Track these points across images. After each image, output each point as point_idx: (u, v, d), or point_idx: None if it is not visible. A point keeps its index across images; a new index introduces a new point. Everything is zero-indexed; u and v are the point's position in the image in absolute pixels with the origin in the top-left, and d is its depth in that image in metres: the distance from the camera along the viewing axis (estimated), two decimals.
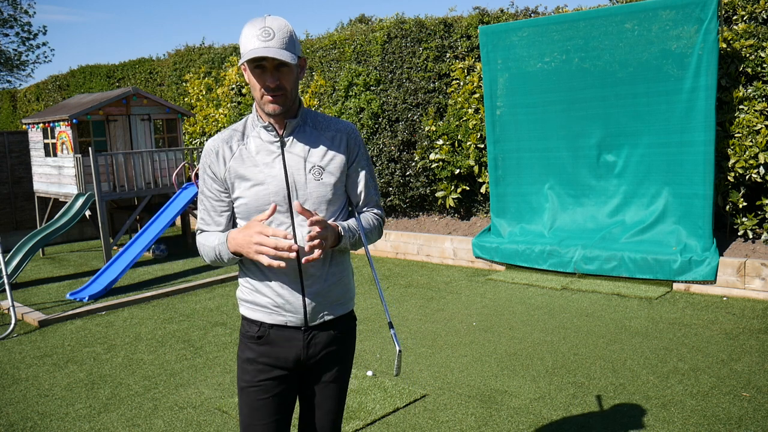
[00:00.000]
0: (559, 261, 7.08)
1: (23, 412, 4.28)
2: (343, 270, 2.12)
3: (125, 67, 14.58)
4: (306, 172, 2.01)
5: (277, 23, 1.89)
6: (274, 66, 1.90)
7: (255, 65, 1.90)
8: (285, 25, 1.90)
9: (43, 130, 10.05)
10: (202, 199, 2.12)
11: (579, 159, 7.24)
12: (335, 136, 2.08)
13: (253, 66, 1.90)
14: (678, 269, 6.32)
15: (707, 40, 6.16)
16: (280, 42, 1.86)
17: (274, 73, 1.90)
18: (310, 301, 2.04)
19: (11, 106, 18.65)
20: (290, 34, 1.90)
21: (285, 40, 1.88)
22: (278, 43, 1.86)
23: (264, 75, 1.91)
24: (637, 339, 5.03)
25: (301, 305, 2.03)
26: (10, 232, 11.46)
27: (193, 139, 12.43)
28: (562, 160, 7.37)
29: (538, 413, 3.85)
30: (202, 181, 2.11)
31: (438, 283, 7.23)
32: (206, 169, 2.08)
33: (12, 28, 23.70)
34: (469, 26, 8.43)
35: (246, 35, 1.89)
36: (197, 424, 3.95)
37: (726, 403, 3.83)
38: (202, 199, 2.12)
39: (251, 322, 2.10)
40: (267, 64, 1.89)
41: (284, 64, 1.90)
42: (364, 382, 4.40)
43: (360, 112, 9.43)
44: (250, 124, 2.08)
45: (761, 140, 6.15)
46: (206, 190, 2.10)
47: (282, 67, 1.91)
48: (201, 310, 6.59)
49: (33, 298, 7.45)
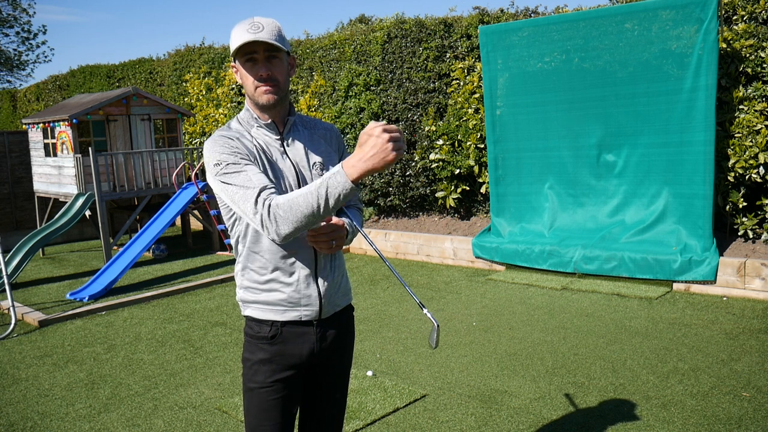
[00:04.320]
0: (559, 261, 7.08)
1: (23, 412, 4.28)
2: (343, 262, 2.21)
3: (125, 67, 14.58)
4: (310, 168, 2.07)
5: (265, 20, 1.96)
6: (266, 57, 1.95)
7: (246, 58, 1.95)
8: (273, 22, 1.96)
9: (43, 130, 10.05)
10: (242, 169, 1.88)
11: (579, 159, 7.23)
12: (326, 134, 2.18)
13: (244, 60, 1.96)
14: (678, 269, 6.32)
15: (707, 40, 6.16)
16: (269, 34, 1.92)
17: (266, 64, 1.96)
18: (325, 293, 2.09)
19: (11, 106, 18.65)
20: (279, 29, 1.96)
21: (274, 33, 1.93)
22: (268, 35, 1.92)
23: (256, 66, 1.96)
24: (637, 339, 5.03)
25: (317, 297, 2.08)
26: (10, 232, 11.46)
27: (193, 139, 12.43)
28: (562, 160, 7.37)
29: (538, 413, 3.85)
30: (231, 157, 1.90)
31: (438, 283, 7.23)
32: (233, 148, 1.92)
33: (12, 27, 23.71)
34: (469, 26, 8.43)
35: (235, 33, 1.95)
36: (197, 424, 3.95)
37: (726, 403, 3.83)
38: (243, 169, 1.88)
39: (261, 322, 2.09)
40: (258, 56, 1.95)
41: (275, 55, 1.96)
42: (364, 382, 4.40)
43: (360, 112, 9.43)
44: (245, 123, 2.06)
45: (761, 140, 6.15)
46: (242, 161, 1.90)
47: (273, 59, 1.96)
48: (201, 310, 6.59)
49: (33, 298, 7.45)
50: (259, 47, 1.93)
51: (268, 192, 1.84)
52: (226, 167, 1.89)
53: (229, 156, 1.90)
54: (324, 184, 1.73)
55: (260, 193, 1.83)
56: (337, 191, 1.73)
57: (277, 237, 1.82)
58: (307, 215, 1.77)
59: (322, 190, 1.73)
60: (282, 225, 1.79)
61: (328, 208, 1.75)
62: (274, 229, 1.80)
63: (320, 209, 1.76)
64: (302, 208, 1.76)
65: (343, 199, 1.74)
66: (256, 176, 1.87)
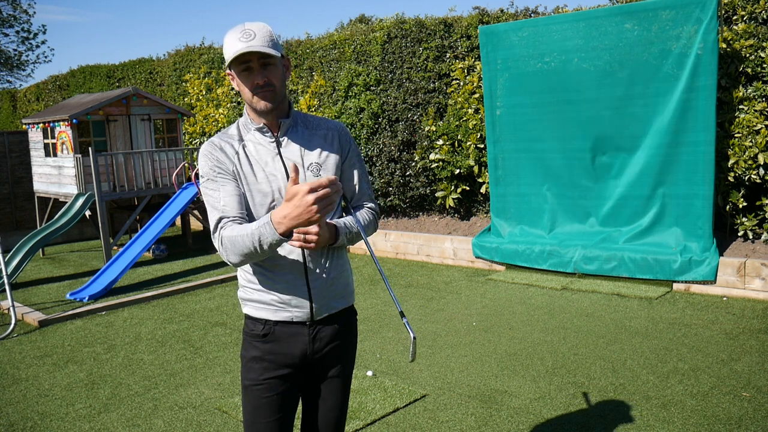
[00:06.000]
0: (559, 261, 7.08)
1: (23, 412, 4.28)
2: (344, 264, 2.18)
3: (125, 67, 14.58)
4: (305, 170, 2.07)
5: (256, 26, 1.96)
6: (260, 65, 1.96)
7: (242, 68, 1.96)
8: (264, 26, 1.97)
9: (43, 130, 10.05)
10: (217, 192, 2.01)
11: (579, 159, 7.23)
12: (327, 134, 2.15)
13: (240, 69, 1.97)
14: (678, 269, 6.33)
15: (707, 40, 6.16)
16: (261, 41, 1.92)
17: (261, 71, 1.96)
18: (316, 295, 2.08)
19: (11, 106, 18.65)
20: (270, 34, 1.97)
21: (266, 39, 1.94)
22: (260, 42, 1.92)
23: (251, 75, 1.97)
24: (637, 339, 5.03)
25: (307, 299, 2.07)
26: (10, 232, 11.46)
27: (193, 139, 12.43)
28: (562, 161, 7.36)
29: (538, 413, 3.85)
30: (212, 176, 2.03)
31: (438, 283, 7.23)
32: (214, 165, 2.03)
33: (12, 27, 23.71)
34: (469, 26, 8.43)
35: (228, 43, 1.95)
36: (197, 424, 3.95)
37: (726, 403, 3.83)
38: (217, 193, 2.01)
39: (255, 320, 2.13)
40: (253, 64, 1.96)
41: (269, 62, 1.97)
42: (364, 382, 4.40)
43: (360, 112, 9.43)
44: (243, 127, 2.11)
45: (761, 140, 6.15)
46: (220, 180, 2.02)
47: (268, 65, 1.97)
48: (201, 310, 6.59)
49: (33, 298, 7.45)
50: (252, 56, 1.94)
51: (225, 221, 1.98)
52: (206, 182, 2.04)
53: (210, 171, 2.03)
54: (258, 231, 1.85)
55: (220, 220, 1.99)
56: (269, 240, 1.85)
57: (229, 263, 1.99)
58: (247, 254, 1.91)
59: (255, 236, 1.86)
60: (230, 255, 1.95)
61: (264, 251, 1.88)
62: (226, 256, 1.97)
63: (258, 251, 1.88)
64: (242, 247, 1.90)
65: (277, 245, 1.86)
66: (225, 199, 2.00)
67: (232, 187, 2.02)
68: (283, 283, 2.06)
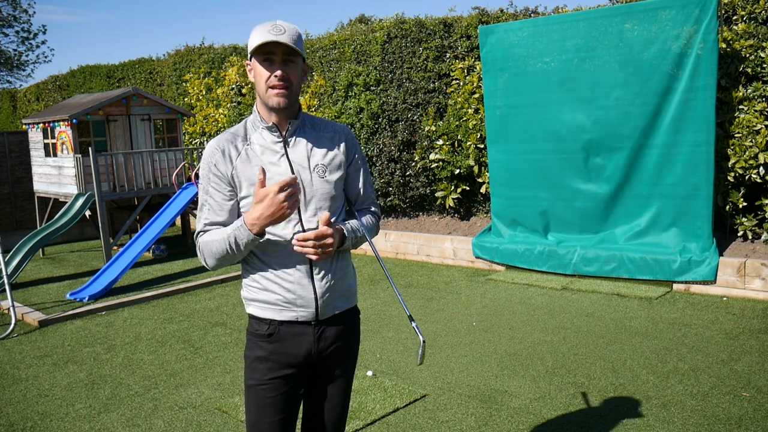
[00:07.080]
0: (559, 262, 7.08)
1: (23, 412, 4.29)
2: (348, 265, 2.20)
3: (125, 67, 14.58)
4: (311, 171, 2.09)
5: (287, 24, 2.01)
6: (283, 60, 1.99)
7: (264, 57, 1.99)
8: (295, 27, 2.02)
9: (43, 130, 10.05)
10: (206, 198, 2.09)
11: (579, 159, 7.22)
12: (334, 137, 2.18)
13: (262, 59, 1.99)
14: (678, 269, 6.33)
15: (707, 40, 6.16)
16: (290, 38, 1.97)
17: (282, 66, 1.99)
18: (321, 295, 2.09)
19: (11, 106, 18.65)
20: (299, 35, 2.02)
21: (295, 37, 1.99)
22: (288, 38, 1.96)
23: (272, 66, 2.00)
24: (637, 339, 5.03)
25: (313, 299, 2.08)
26: (10, 232, 11.46)
27: (193, 139, 12.44)
28: (562, 161, 7.35)
29: (538, 413, 3.85)
30: (206, 180, 2.09)
31: (438, 283, 7.23)
32: (211, 168, 2.07)
33: (12, 27, 23.71)
34: (468, 26, 8.43)
35: (256, 33, 1.99)
36: (197, 424, 3.95)
37: (726, 403, 3.84)
38: (207, 198, 2.09)
39: (260, 320, 2.13)
40: (276, 57, 1.99)
41: (292, 59, 2.00)
42: (364, 382, 4.41)
43: (360, 112, 9.43)
44: (251, 126, 2.12)
45: (761, 140, 6.15)
46: (212, 189, 2.08)
47: (290, 63, 2.01)
48: (201, 310, 6.59)
49: (33, 298, 7.45)
50: (277, 49, 1.97)
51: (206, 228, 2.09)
52: (201, 184, 2.13)
53: (205, 175, 2.10)
54: (232, 234, 1.97)
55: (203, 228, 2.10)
56: (244, 241, 1.96)
57: (206, 266, 2.10)
58: (222, 257, 2.03)
59: (231, 239, 1.98)
60: (207, 259, 2.07)
61: (241, 251, 2.00)
62: (203, 259, 2.09)
63: (233, 252, 2.00)
64: (217, 251, 2.03)
65: (251, 245, 1.98)
66: (213, 205, 2.08)
67: (220, 196, 2.08)
68: (289, 283, 2.07)
